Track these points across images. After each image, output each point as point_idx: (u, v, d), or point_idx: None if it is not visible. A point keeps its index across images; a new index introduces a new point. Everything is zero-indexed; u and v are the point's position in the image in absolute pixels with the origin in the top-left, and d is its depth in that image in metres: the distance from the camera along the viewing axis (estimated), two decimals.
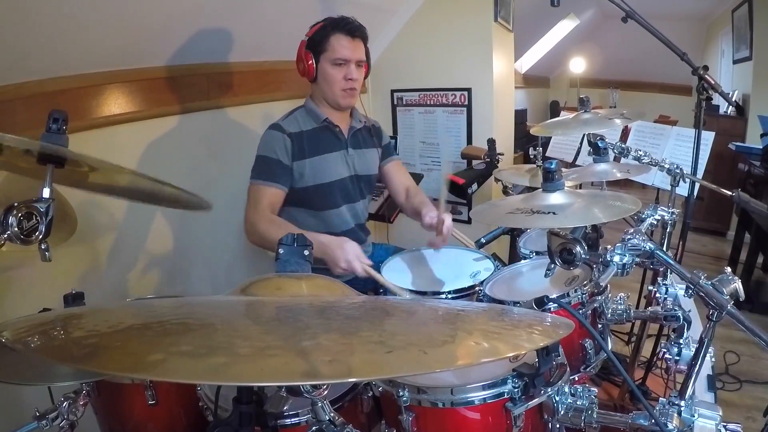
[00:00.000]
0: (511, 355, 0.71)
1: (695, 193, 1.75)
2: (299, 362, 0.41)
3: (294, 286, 0.69)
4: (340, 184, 1.63)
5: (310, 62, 1.53)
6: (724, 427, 0.79)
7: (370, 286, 1.74)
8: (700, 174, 1.79)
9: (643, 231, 1.01)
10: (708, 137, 1.94)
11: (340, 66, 1.53)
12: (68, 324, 0.51)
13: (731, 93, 4.12)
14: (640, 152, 1.52)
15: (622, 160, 1.60)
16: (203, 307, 0.61)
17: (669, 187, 1.60)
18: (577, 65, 6.49)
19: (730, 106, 3.87)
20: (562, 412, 0.88)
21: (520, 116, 5.28)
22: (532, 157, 1.97)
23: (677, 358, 0.99)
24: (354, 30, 1.53)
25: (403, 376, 0.89)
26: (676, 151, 2.08)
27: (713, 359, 1.14)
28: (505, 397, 0.89)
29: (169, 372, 0.39)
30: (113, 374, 0.39)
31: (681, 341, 1.00)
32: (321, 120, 1.59)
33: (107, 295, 1.65)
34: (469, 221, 2.69)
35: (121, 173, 0.95)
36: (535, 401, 0.87)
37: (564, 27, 5.68)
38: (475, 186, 2.07)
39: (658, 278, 1.26)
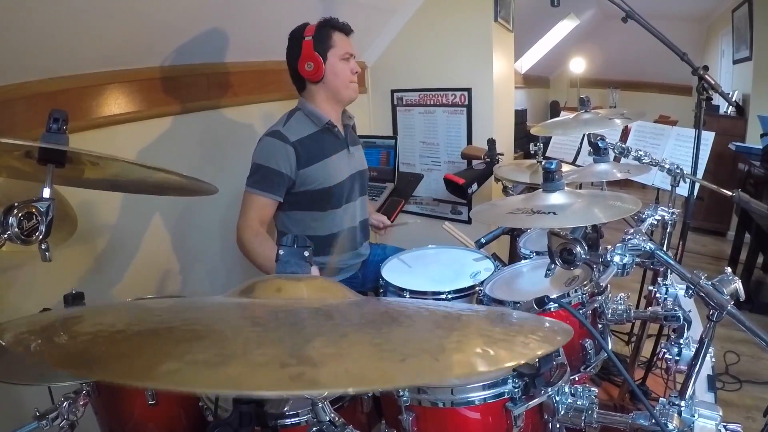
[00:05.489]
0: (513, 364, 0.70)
1: (695, 193, 1.75)
2: (316, 372, 0.40)
3: (294, 287, 0.68)
4: (344, 185, 1.63)
5: (321, 62, 1.53)
6: (724, 427, 0.79)
7: (369, 287, 1.74)
8: (700, 174, 1.79)
9: (643, 231, 1.01)
10: (708, 137, 1.93)
11: (347, 60, 1.58)
12: (70, 328, 0.50)
13: (731, 93, 4.12)
14: (640, 152, 1.52)
15: (622, 160, 1.60)
16: (208, 311, 0.60)
17: (669, 187, 1.60)
18: (577, 65, 6.48)
19: (730, 106, 3.86)
20: (562, 412, 0.88)
21: (520, 116, 5.27)
22: (532, 152, 1.97)
23: (677, 358, 0.99)
24: (348, 28, 1.60)
25: (419, 385, 0.88)
26: (676, 151, 2.08)
27: (713, 359, 1.14)
28: (506, 397, 0.89)
29: (186, 382, 0.37)
30: (124, 383, 0.37)
31: (681, 341, 1.00)
32: (323, 123, 1.59)
33: (107, 295, 1.65)
34: (469, 221, 2.69)
35: (124, 166, 0.95)
36: (536, 401, 0.88)
37: (564, 27, 5.67)
38: (475, 186, 2.06)
39: (658, 278, 1.25)
